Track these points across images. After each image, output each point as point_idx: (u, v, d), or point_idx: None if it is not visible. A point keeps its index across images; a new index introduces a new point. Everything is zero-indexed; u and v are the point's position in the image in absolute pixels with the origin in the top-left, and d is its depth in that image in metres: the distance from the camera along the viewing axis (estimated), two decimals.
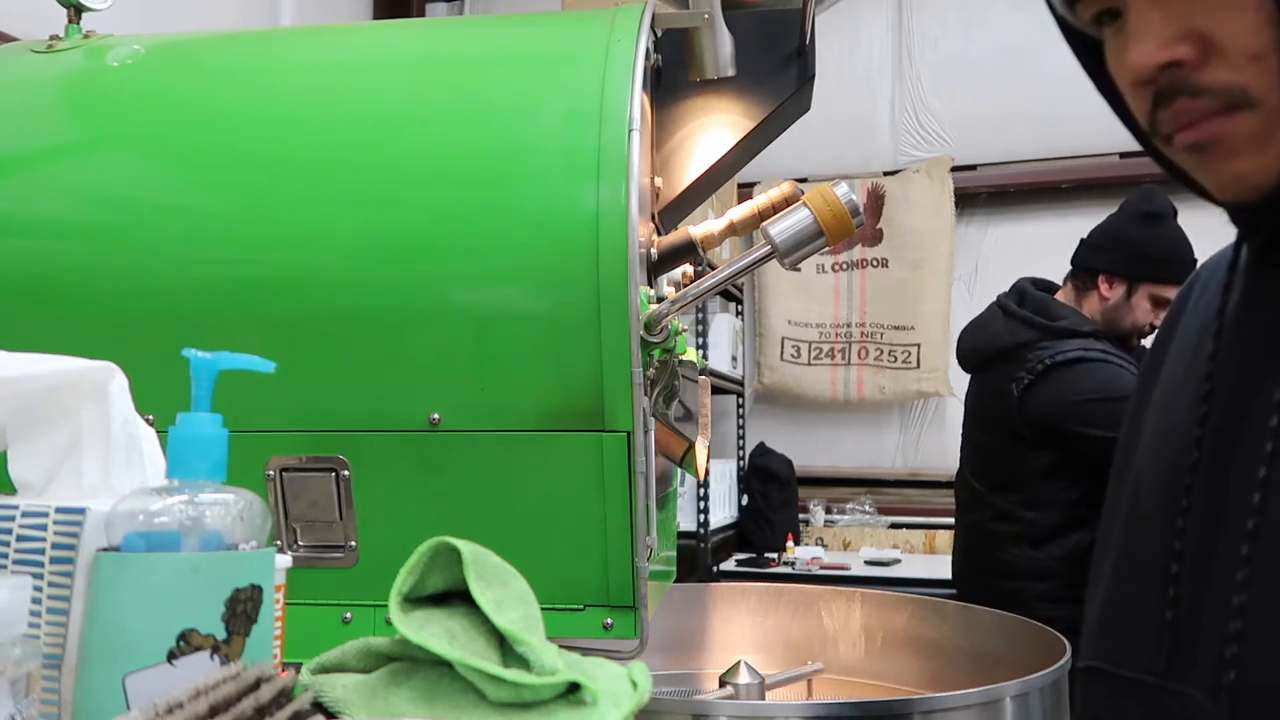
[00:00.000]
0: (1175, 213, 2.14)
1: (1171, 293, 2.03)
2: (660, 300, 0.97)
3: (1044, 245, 3.82)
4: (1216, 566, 0.64)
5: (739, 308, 4.13)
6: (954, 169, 3.88)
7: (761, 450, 3.96)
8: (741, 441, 4.11)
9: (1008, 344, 2.11)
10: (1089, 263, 2.15)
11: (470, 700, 0.63)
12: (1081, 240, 2.21)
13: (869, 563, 3.50)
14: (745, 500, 3.96)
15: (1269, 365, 0.65)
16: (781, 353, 4.06)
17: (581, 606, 0.97)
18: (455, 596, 0.69)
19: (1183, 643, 0.66)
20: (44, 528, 0.54)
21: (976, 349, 2.22)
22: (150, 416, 0.66)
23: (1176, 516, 0.68)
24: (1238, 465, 0.64)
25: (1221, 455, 0.66)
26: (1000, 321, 2.17)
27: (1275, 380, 0.63)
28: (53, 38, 1.16)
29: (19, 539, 0.54)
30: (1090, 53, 0.70)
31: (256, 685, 0.48)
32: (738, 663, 1.25)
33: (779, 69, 1.19)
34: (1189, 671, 0.65)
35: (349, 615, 1.00)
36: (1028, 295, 2.18)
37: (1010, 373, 2.08)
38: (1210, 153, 0.62)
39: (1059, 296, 2.19)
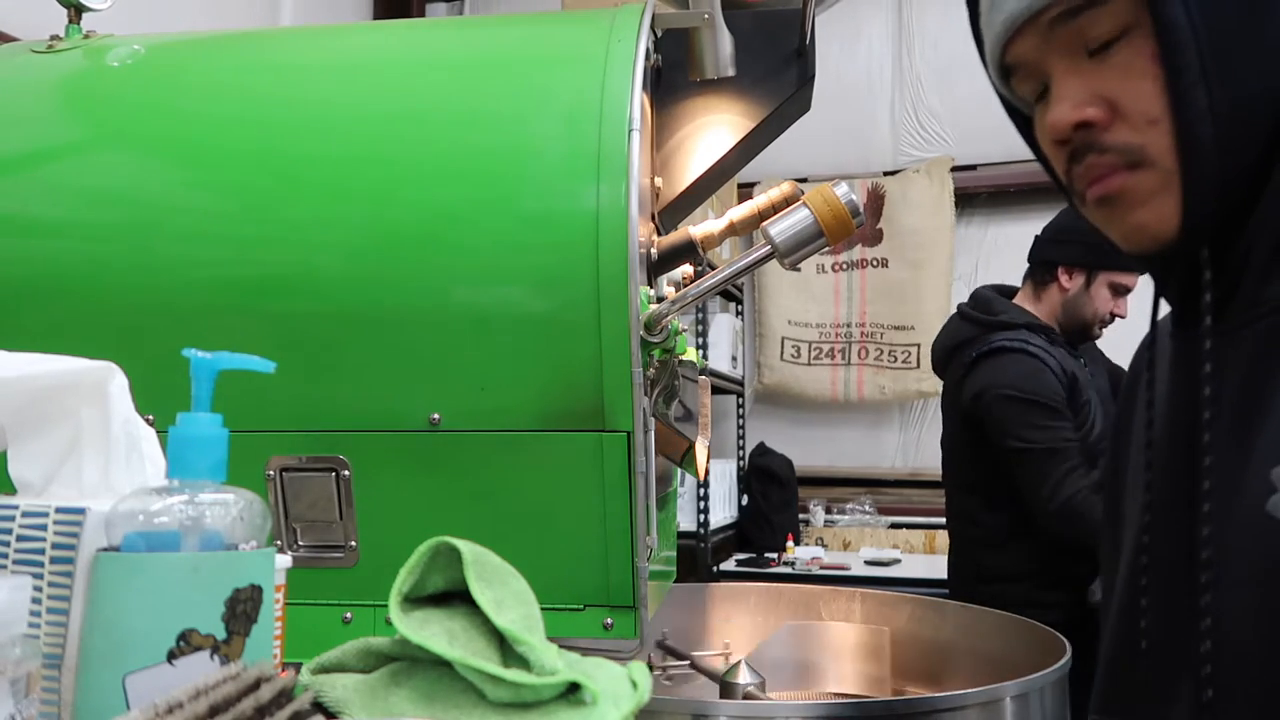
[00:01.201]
0: None
1: (1130, 280, 2.11)
2: (660, 300, 0.97)
3: None
4: (1178, 601, 0.68)
5: (739, 308, 4.13)
6: (954, 169, 3.88)
7: (761, 450, 3.96)
8: (741, 441, 4.11)
9: (954, 342, 2.18)
10: (1047, 256, 2.18)
11: (470, 700, 0.63)
12: (1036, 237, 2.25)
13: (869, 563, 3.50)
14: (745, 500, 3.95)
15: (1193, 426, 0.69)
16: (781, 353, 4.06)
17: (581, 606, 0.97)
18: (455, 596, 0.69)
19: (1161, 679, 0.70)
20: (44, 528, 0.54)
21: (935, 352, 2.30)
22: (150, 416, 0.66)
23: (1140, 574, 0.73)
24: (1185, 509, 0.69)
25: (1169, 504, 0.71)
26: (953, 323, 2.24)
27: (1202, 436, 0.68)
28: (53, 38, 1.16)
29: (19, 539, 0.54)
30: (1027, 127, 0.79)
31: (256, 685, 0.48)
32: (738, 663, 1.25)
33: (779, 69, 1.19)
34: (1173, 706, 0.68)
35: (349, 615, 1.00)
36: (976, 296, 2.24)
37: (955, 370, 2.14)
38: (1115, 206, 0.69)
39: (1018, 297, 2.22)
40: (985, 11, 0.74)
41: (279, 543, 1.00)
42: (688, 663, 1.36)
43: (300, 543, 1.00)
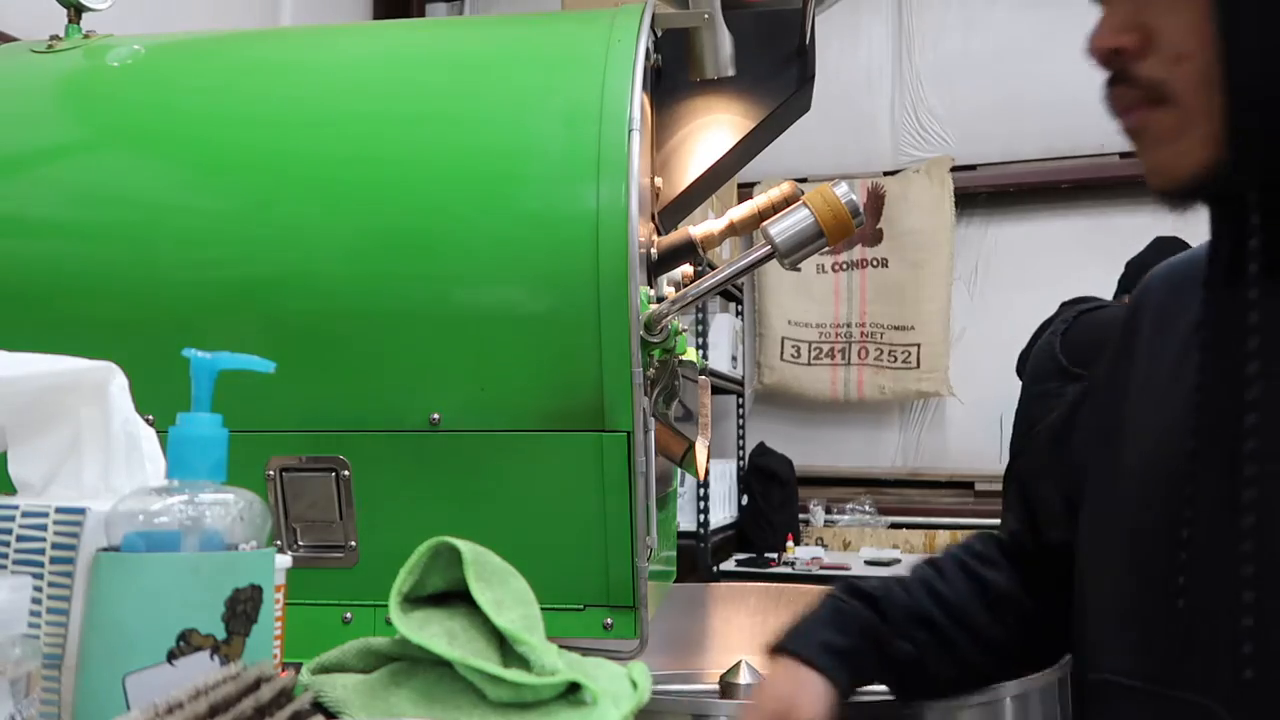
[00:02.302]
0: None
1: None
2: (660, 300, 0.97)
3: (1044, 245, 3.82)
4: (1221, 570, 0.64)
5: (739, 308, 4.13)
6: (954, 169, 3.88)
7: (761, 450, 3.96)
8: (741, 441, 4.10)
9: None
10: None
11: (470, 700, 0.63)
12: (1139, 259, 2.35)
13: (869, 563, 3.50)
14: (745, 500, 3.95)
15: (1235, 379, 0.66)
16: (781, 353, 4.06)
17: (581, 606, 0.97)
18: (455, 596, 0.69)
19: (1196, 649, 0.66)
20: (44, 528, 0.54)
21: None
22: (150, 416, 0.66)
23: (1180, 526, 0.68)
24: (1232, 471, 0.65)
25: (1216, 463, 0.67)
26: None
27: (1257, 384, 0.64)
28: (53, 38, 1.16)
29: (19, 539, 0.54)
30: None
31: (256, 685, 0.48)
32: (738, 663, 1.25)
33: (779, 69, 1.19)
34: (1202, 678, 0.65)
35: (349, 615, 1.00)
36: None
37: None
38: (1139, 140, 0.67)
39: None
40: None
41: (279, 543, 1.00)
42: None
43: (300, 543, 1.00)
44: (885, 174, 3.99)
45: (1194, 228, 0.77)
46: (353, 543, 0.99)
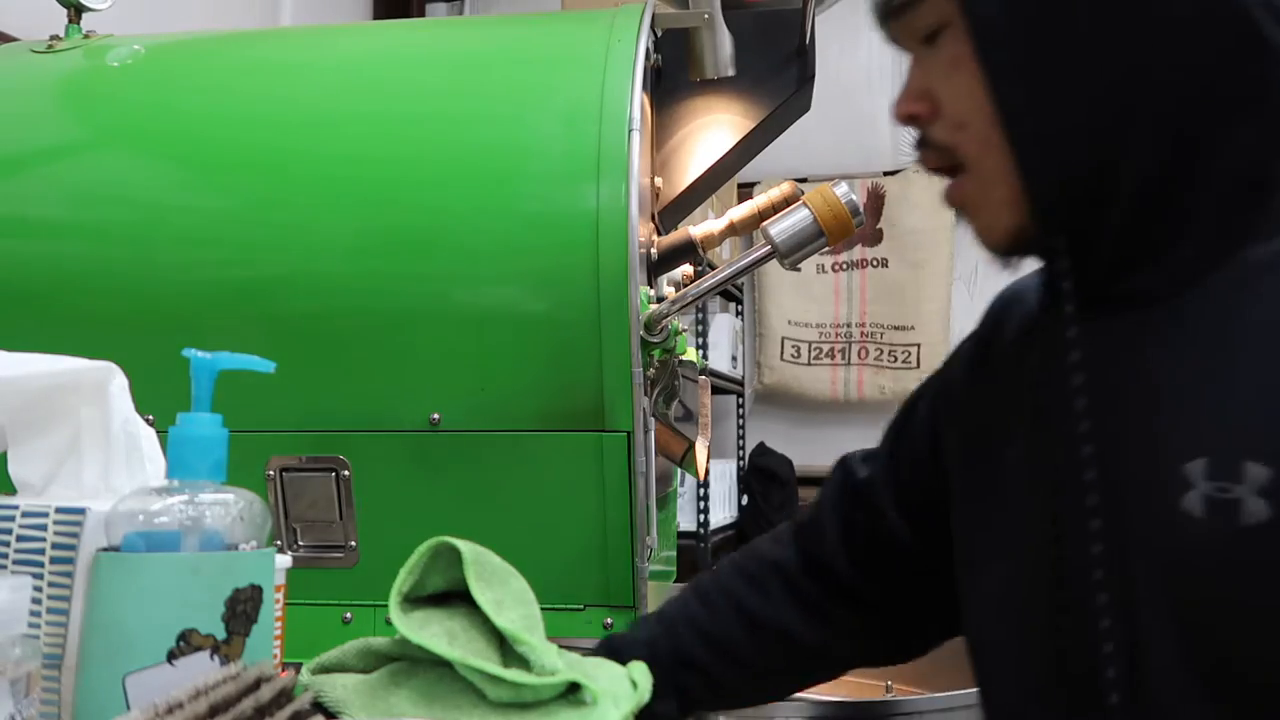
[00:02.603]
0: None
1: None
2: (660, 300, 0.97)
3: None
4: (1088, 599, 0.63)
5: (739, 308, 4.12)
6: None
7: (761, 450, 3.96)
8: (741, 441, 4.10)
9: None
10: None
11: (470, 700, 0.63)
12: None
13: None
14: (745, 500, 3.95)
15: (1066, 416, 0.64)
16: (781, 353, 4.06)
17: (581, 606, 0.97)
18: (455, 596, 0.69)
19: (1070, 680, 0.64)
20: (44, 528, 0.54)
21: None
22: (150, 416, 0.66)
23: (1045, 559, 0.66)
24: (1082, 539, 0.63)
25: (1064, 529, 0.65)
26: None
27: (1077, 427, 0.63)
28: (53, 38, 1.16)
29: (19, 539, 0.54)
30: None
31: (256, 685, 0.48)
32: None
33: (779, 69, 1.19)
34: (1081, 708, 0.63)
35: (349, 615, 1.00)
36: None
37: None
38: (957, 211, 0.68)
39: None
40: None
41: (279, 543, 1.00)
42: None
43: (300, 543, 1.00)
44: (885, 174, 3.99)
45: None
46: (353, 543, 0.99)
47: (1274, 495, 0.54)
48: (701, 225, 1.07)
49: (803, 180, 3.69)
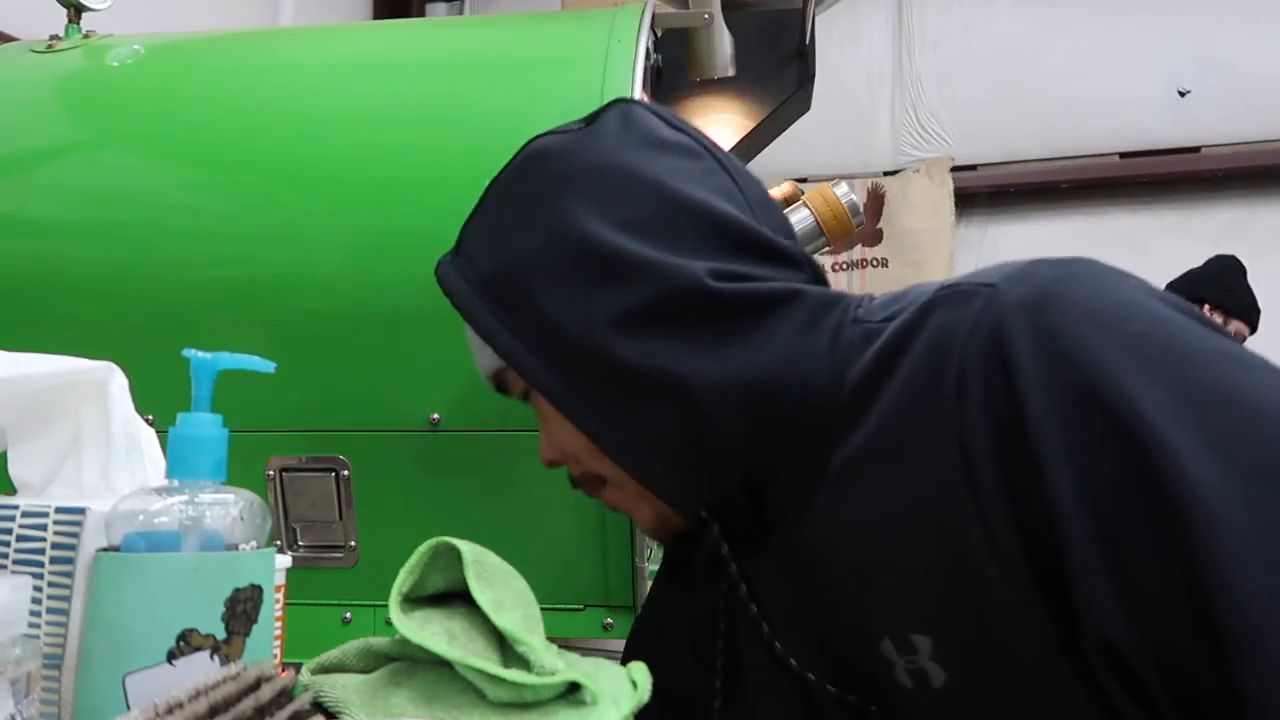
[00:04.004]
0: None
1: (1245, 334, 2.65)
2: None
3: (1044, 245, 3.82)
4: None
5: None
6: (954, 169, 3.88)
7: None
8: None
9: None
10: (1198, 295, 2.58)
11: (470, 700, 0.63)
12: (1186, 278, 2.67)
13: None
14: None
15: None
16: None
17: (581, 606, 0.97)
18: (455, 596, 0.69)
19: None
20: (44, 528, 0.54)
21: None
22: (150, 416, 0.66)
23: None
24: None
25: None
26: None
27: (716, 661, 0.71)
28: (53, 38, 1.16)
29: (19, 539, 0.54)
30: None
31: (256, 685, 0.48)
32: None
33: (779, 69, 1.19)
34: None
35: (349, 615, 1.00)
36: None
37: None
38: (621, 513, 0.76)
39: None
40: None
41: (279, 543, 1.00)
42: None
43: (300, 543, 1.00)
44: (885, 174, 3.99)
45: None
46: (353, 543, 0.99)
47: (941, 659, 0.59)
48: None
49: (803, 180, 3.68)
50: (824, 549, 0.65)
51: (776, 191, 1.06)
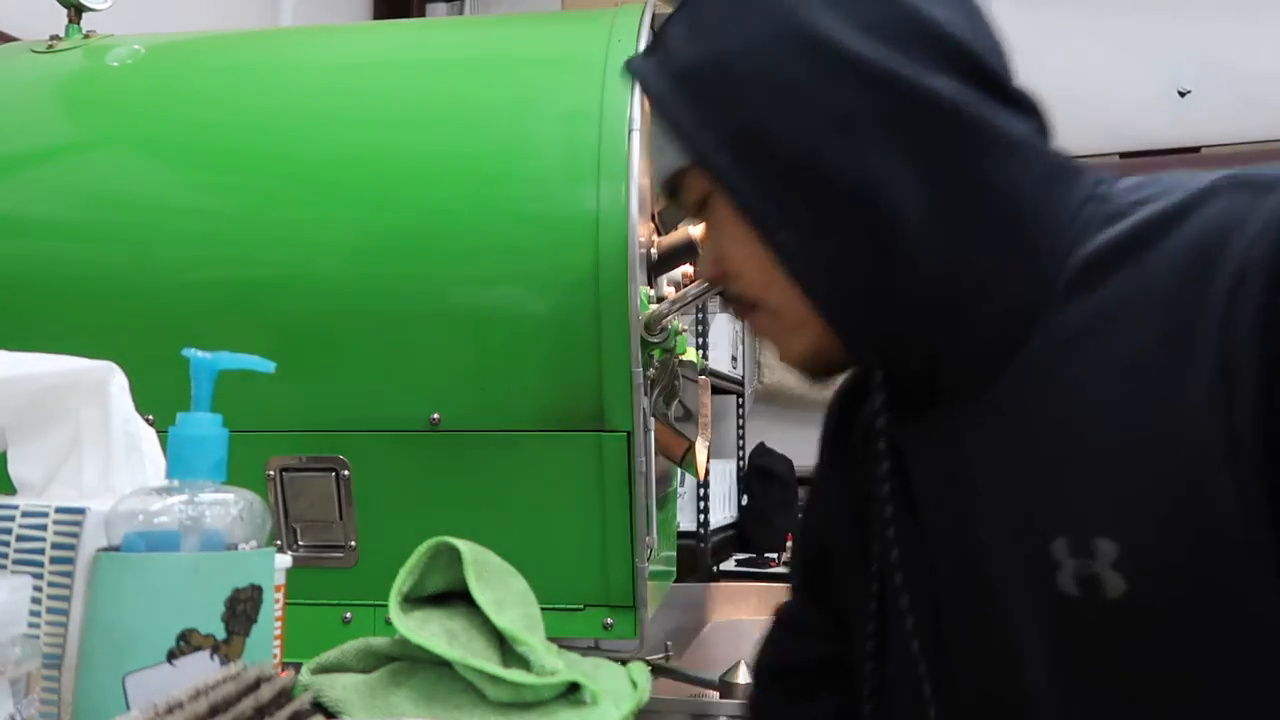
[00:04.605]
0: None
1: None
2: (660, 300, 0.97)
3: None
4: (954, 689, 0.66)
5: None
6: None
7: (761, 450, 3.95)
8: (741, 441, 4.10)
9: None
10: None
11: (470, 700, 0.63)
12: None
13: None
14: (745, 500, 3.95)
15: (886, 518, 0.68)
16: None
17: (581, 606, 0.97)
18: (455, 596, 0.69)
19: None
20: (44, 528, 0.54)
21: None
22: (150, 416, 0.66)
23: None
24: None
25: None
26: None
27: (888, 530, 0.66)
28: (53, 38, 1.16)
29: (19, 539, 0.54)
30: None
31: (256, 685, 0.48)
32: (738, 662, 1.25)
33: None
34: None
35: (349, 615, 1.00)
36: None
37: None
38: (764, 342, 0.71)
39: None
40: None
41: (279, 543, 1.00)
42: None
43: (300, 543, 1.00)
44: None
45: None
46: (353, 543, 0.99)
47: (1125, 569, 0.56)
48: (702, 225, 1.07)
49: None
50: (1009, 430, 0.61)
51: None
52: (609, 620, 0.97)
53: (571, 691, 0.64)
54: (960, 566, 0.64)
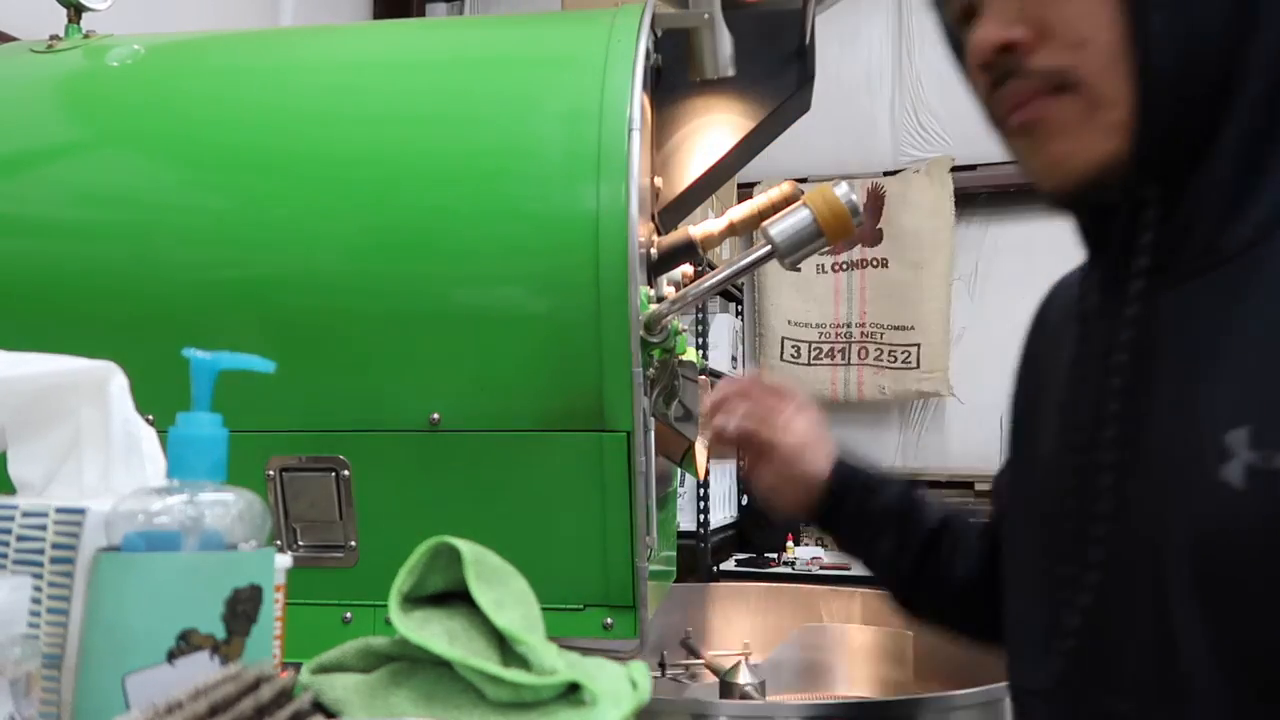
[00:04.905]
0: None
1: None
2: (660, 300, 0.97)
3: (1044, 245, 3.81)
4: (1119, 570, 0.64)
5: (739, 308, 4.13)
6: (954, 169, 3.88)
7: None
8: None
9: None
10: None
11: (470, 700, 0.63)
12: None
13: None
14: (745, 500, 3.95)
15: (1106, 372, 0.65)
16: (781, 353, 4.06)
17: (581, 606, 0.97)
18: (455, 596, 0.69)
19: (1096, 651, 0.66)
20: (44, 528, 0.54)
21: None
22: (150, 416, 0.66)
23: (1066, 528, 0.68)
24: (1093, 484, 0.65)
25: (1085, 473, 0.66)
26: None
27: (1111, 381, 0.63)
28: (53, 38, 1.16)
29: (19, 539, 0.54)
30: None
31: (256, 685, 0.48)
32: (738, 663, 1.25)
33: (779, 69, 1.19)
34: (1103, 677, 0.65)
35: (349, 615, 1.00)
36: None
37: None
38: (1035, 135, 0.64)
39: None
40: None
41: (279, 543, 1.00)
42: (702, 662, 1.36)
43: (300, 543, 1.00)
44: (885, 174, 3.99)
45: None
46: (353, 543, 0.99)
47: None
48: (701, 225, 1.07)
49: (803, 180, 3.68)
50: (1249, 303, 0.58)
51: (776, 192, 1.06)
52: (609, 620, 0.97)
53: (571, 691, 0.64)
54: (1147, 447, 0.61)
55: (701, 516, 3.42)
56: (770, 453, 0.93)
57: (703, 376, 1.26)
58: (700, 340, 3.47)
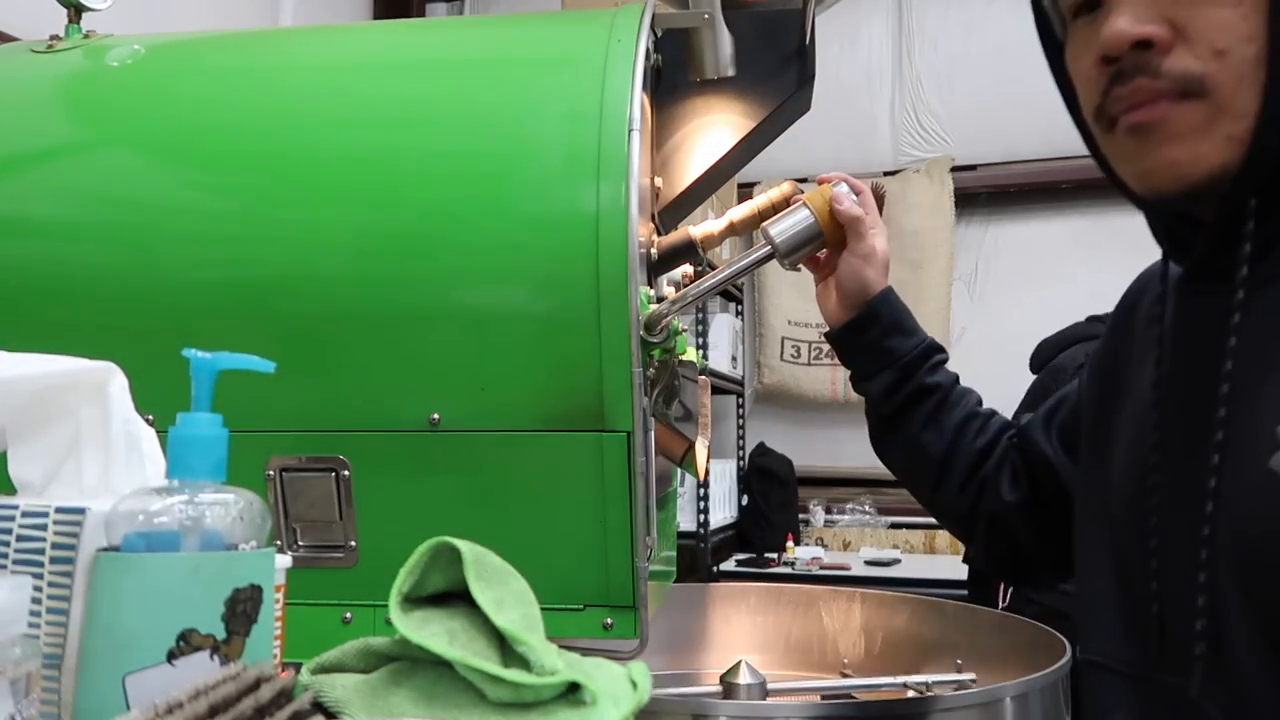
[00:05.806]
0: None
1: None
2: (660, 300, 0.97)
3: (1044, 245, 3.82)
4: (1181, 554, 0.66)
5: (739, 308, 4.13)
6: (954, 169, 3.88)
7: (761, 450, 3.96)
8: (741, 441, 4.10)
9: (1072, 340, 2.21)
10: None
11: (470, 700, 0.63)
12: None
13: (869, 563, 3.50)
14: (745, 500, 3.95)
15: (1211, 378, 0.66)
16: (781, 353, 4.06)
17: (581, 606, 0.97)
18: (455, 596, 0.69)
19: (1163, 631, 0.68)
20: (44, 528, 0.54)
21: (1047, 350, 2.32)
22: (150, 416, 0.66)
23: (1147, 514, 0.70)
24: (1197, 460, 0.66)
25: (1180, 453, 0.69)
26: (1080, 327, 2.28)
27: (1219, 388, 0.65)
28: (53, 38, 1.16)
29: (19, 539, 0.54)
30: (1057, 53, 0.75)
31: (256, 685, 0.48)
32: (738, 663, 1.25)
33: (779, 69, 1.19)
34: (1170, 657, 0.67)
35: (349, 615, 1.00)
36: None
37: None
38: (1151, 136, 0.64)
39: None
40: None
41: (279, 543, 1.00)
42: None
43: (300, 543, 1.00)
44: (885, 174, 3.99)
45: None
46: (353, 543, 0.99)
47: None
48: (701, 225, 1.07)
49: (803, 180, 3.68)
50: None
51: (776, 192, 1.06)
52: (609, 620, 0.97)
53: (571, 691, 0.64)
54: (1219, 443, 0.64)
55: (701, 516, 3.42)
56: (855, 246, 1.01)
57: (703, 376, 1.26)
58: (700, 340, 3.47)
